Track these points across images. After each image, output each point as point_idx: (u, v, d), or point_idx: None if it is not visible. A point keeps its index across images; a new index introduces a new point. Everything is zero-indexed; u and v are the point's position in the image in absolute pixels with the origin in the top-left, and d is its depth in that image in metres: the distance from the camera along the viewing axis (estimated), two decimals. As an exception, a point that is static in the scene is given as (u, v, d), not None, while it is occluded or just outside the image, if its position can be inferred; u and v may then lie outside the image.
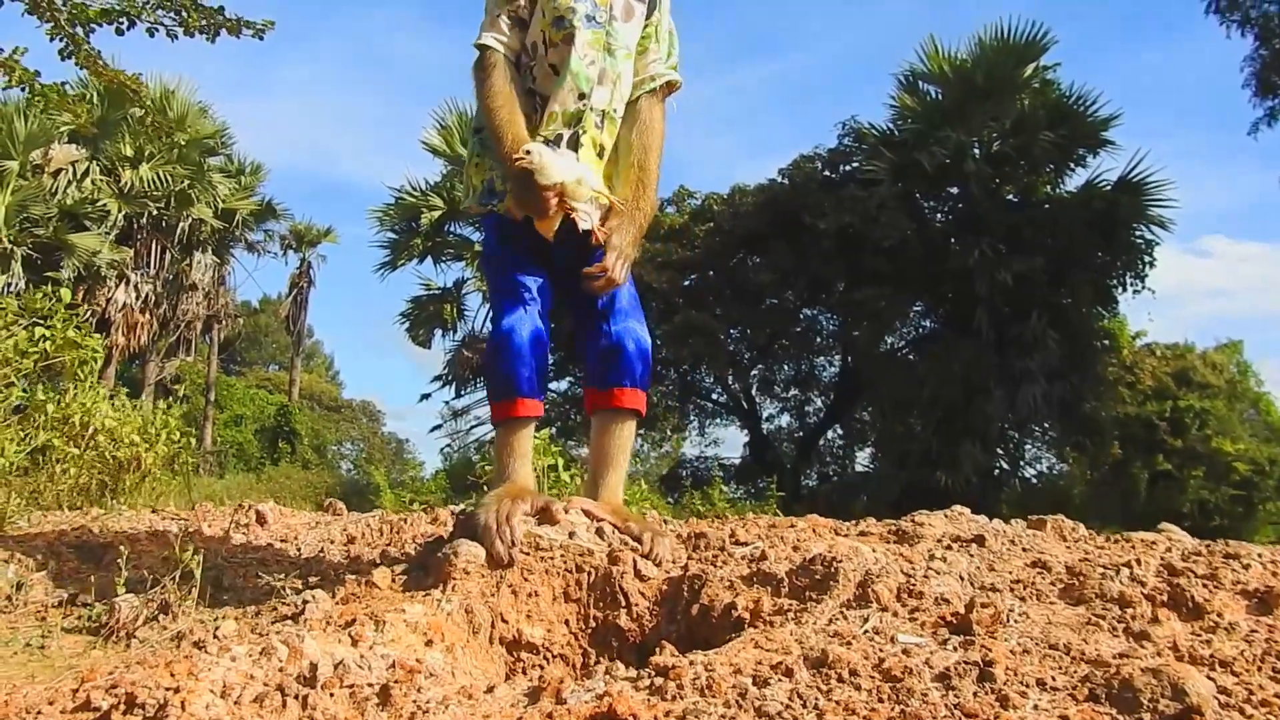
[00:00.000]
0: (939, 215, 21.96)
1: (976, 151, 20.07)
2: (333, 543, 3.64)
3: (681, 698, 1.71)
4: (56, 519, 4.27)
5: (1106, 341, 22.74)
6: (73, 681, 1.90)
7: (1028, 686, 1.72)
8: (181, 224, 28.00)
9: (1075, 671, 1.78)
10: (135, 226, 27.05)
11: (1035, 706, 1.65)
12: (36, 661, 2.44)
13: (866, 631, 2.04)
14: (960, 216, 20.92)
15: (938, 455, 19.31)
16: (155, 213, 26.98)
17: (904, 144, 20.26)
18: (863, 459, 26.43)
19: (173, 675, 1.80)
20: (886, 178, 19.57)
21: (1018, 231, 19.47)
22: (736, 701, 1.73)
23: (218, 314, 31.49)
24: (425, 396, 26.06)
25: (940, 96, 20.35)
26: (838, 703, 1.71)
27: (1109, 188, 19.58)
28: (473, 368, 22.64)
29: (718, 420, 27.64)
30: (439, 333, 24.74)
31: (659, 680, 1.82)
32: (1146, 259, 20.13)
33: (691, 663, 1.85)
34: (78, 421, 7.97)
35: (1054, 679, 1.75)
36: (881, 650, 1.92)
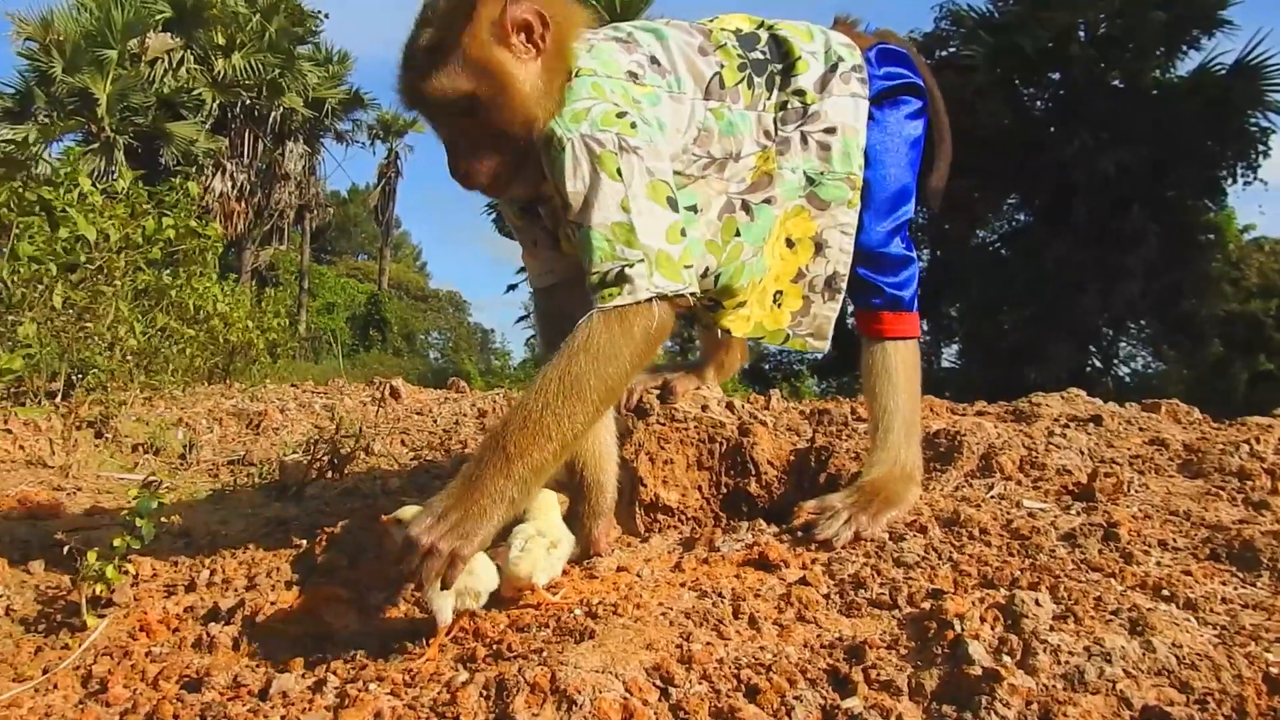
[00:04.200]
0: (1038, 103, 21.14)
1: (1082, 34, 19.15)
2: (465, 415, 3.89)
3: (824, 549, 1.88)
4: (206, 390, 4.61)
5: (1211, 236, 21.86)
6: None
7: (1150, 546, 1.86)
8: (273, 113, 28.42)
9: (1195, 535, 1.91)
10: (229, 116, 27.56)
11: (1158, 563, 1.79)
12: (226, 510, 2.73)
13: (993, 497, 2.19)
14: (1061, 104, 20.10)
15: (1027, 352, 19.04)
16: (248, 102, 27.45)
17: (1004, 27, 19.41)
18: (949, 355, 26.16)
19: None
20: (984, 63, 18.87)
21: (1122, 120, 18.62)
22: (876, 553, 1.91)
23: (309, 203, 32.16)
24: (512, 287, 26.49)
25: (1045, -26, 19.38)
26: (970, 556, 1.87)
27: (1223, 72, 18.45)
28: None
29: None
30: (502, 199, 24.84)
31: (801, 533, 2.01)
32: (1260, 148, 19.12)
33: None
34: (191, 305, 8.40)
35: (1175, 540, 1.89)
36: (1009, 513, 2.07)
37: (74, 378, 3.92)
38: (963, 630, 1.51)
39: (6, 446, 2.99)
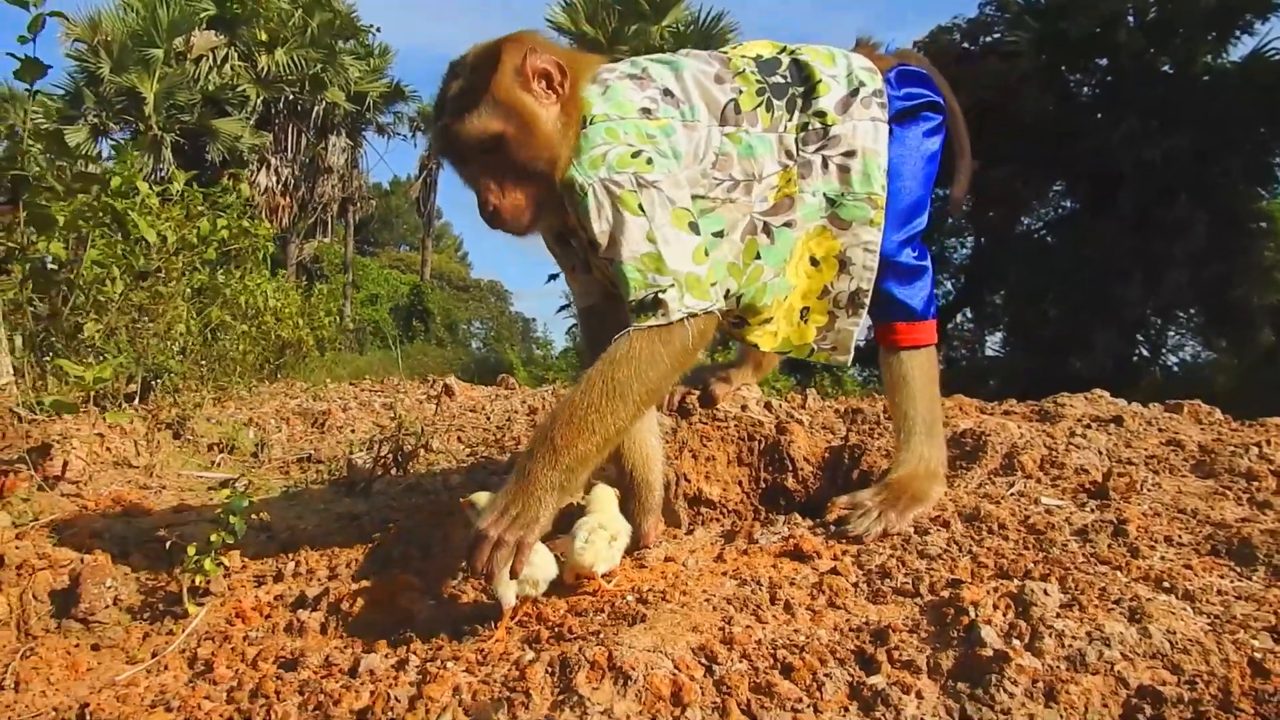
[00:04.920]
0: (1084, 89, 20.93)
1: (1130, 19, 18.93)
2: (516, 412, 4.10)
3: (855, 542, 2.06)
4: (270, 390, 4.86)
5: (1263, 224, 21.55)
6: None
7: (1156, 542, 2.01)
8: (316, 108, 28.84)
9: (1200, 531, 2.06)
10: (273, 111, 28.01)
11: (1162, 557, 1.95)
12: (300, 505, 2.95)
13: (1013, 494, 2.35)
14: (1107, 90, 19.89)
15: (1071, 341, 18.92)
16: (291, 97, 27.88)
17: (1049, 12, 19.22)
18: (993, 343, 25.95)
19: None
20: (1029, 49, 18.75)
21: (1170, 106, 18.37)
22: (902, 545, 2.09)
23: (352, 196, 32.63)
24: (553, 277, 26.65)
25: (1092, -43, 19.17)
26: (988, 549, 2.04)
27: (1278, 57, 18.21)
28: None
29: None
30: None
31: (833, 527, 2.19)
32: (1312, 131, 18.82)
33: (862, 515, 2.19)
34: (244, 303, 8.68)
35: (1180, 536, 2.04)
36: (1026, 509, 2.24)
37: (150, 381, 4.18)
38: (976, 616, 1.69)
39: (97, 449, 3.24)
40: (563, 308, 27.49)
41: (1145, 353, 21.48)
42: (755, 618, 1.83)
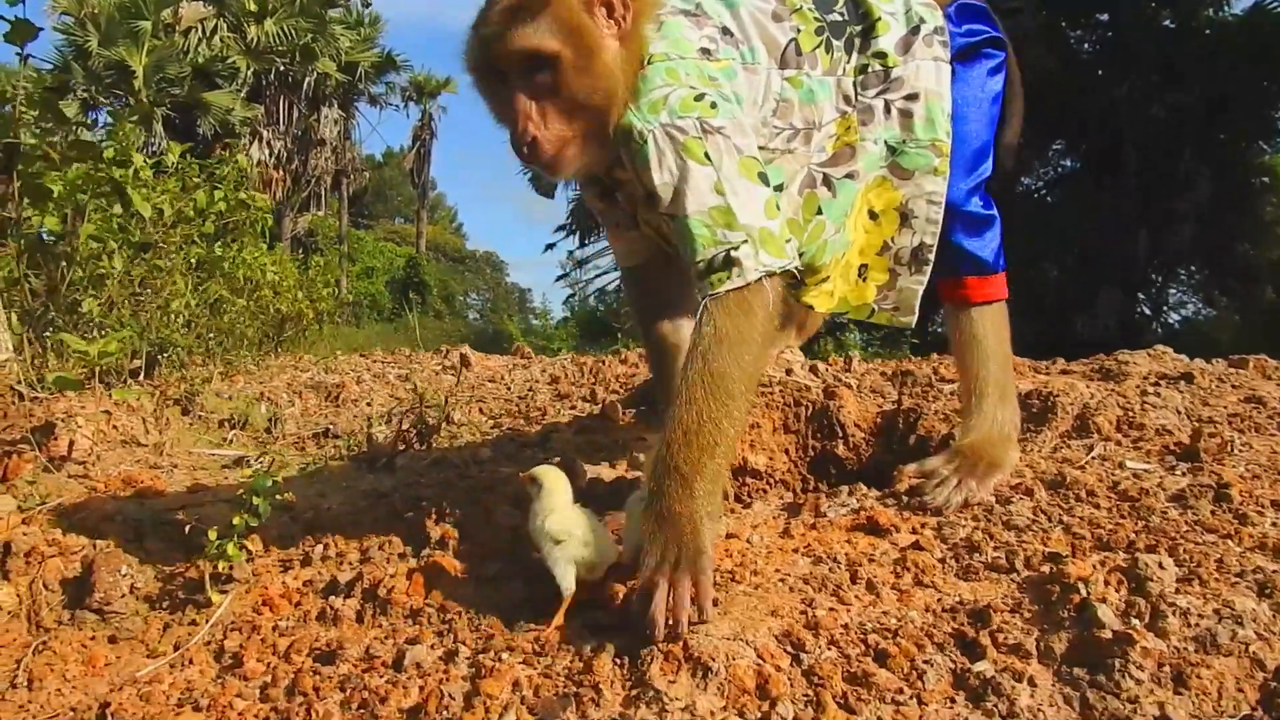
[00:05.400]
0: (1085, 46, 20.64)
1: (1131, -27, 18.66)
2: (537, 382, 3.93)
3: (935, 514, 1.90)
4: (279, 364, 4.69)
5: (1266, 179, 21.36)
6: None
7: (1264, 507, 1.86)
8: (307, 79, 28.53)
9: (1309, 495, 1.91)
10: (264, 83, 27.70)
11: (1274, 524, 1.79)
12: (321, 483, 2.79)
13: (1094, 458, 2.19)
14: (1109, 46, 19.61)
15: (1074, 301, 18.77)
16: (281, 68, 27.55)
17: (1050, -32, 18.97)
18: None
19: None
20: (1030, 6, 18.44)
21: (1173, 62, 18.13)
22: (984, 516, 1.93)
23: (345, 168, 32.40)
24: (550, 246, 26.44)
25: (1094, -90, 18.86)
26: (1081, 518, 1.88)
27: (1280, 9, 17.98)
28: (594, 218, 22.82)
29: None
30: (561, 182, 24.86)
31: (906, 499, 2.03)
32: (1318, 89, 18.61)
33: (935, 484, 2.03)
34: (241, 277, 8.50)
35: (1288, 500, 1.88)
36: (1113, 474, 2.08)
37: (155, 356, 4.01)
38: (1088, 594, 1.53)
39: (103, 428, 3.07)
40: (560, 277, 27.30)
41: (1147, 310, 21.36)
42: (837, 599, 1.67)
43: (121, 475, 2.78)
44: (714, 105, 1.83)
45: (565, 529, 1.78)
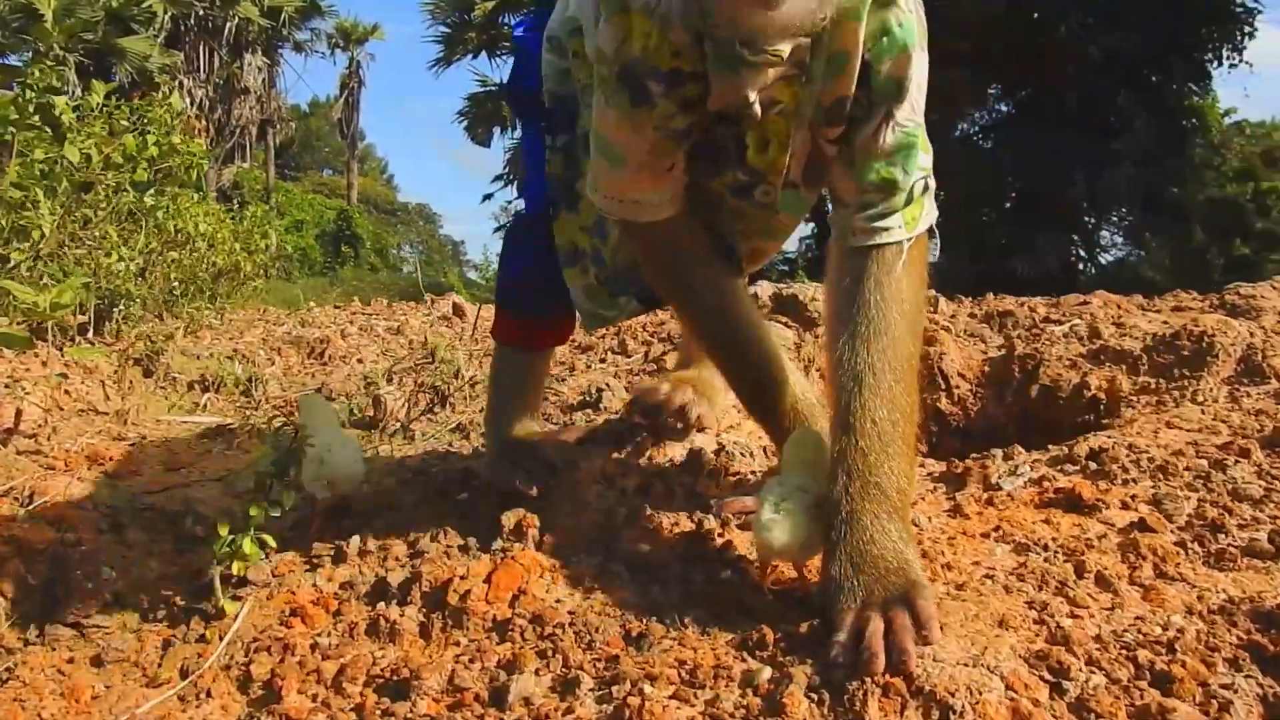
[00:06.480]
0: (1024, -12, 20.50)
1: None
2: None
3: (1133, 480, 1.55)
4: (246, 316, 4.21)
5: (1194, 121, 21.58)
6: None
7: None
8: (228, 24, 27.44)
9: None
10: (183, 29, 26.56)
11: None
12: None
13: (1291, 407, 1.87)
14: (1047, -11, 19.53)
15: (1014, 244, 18.84)
16: (201, 13, 26.37)
17: (991, -93, 18.69)
18: (932, 247, 25.90)
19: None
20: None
21: (1109, 3, 18.15)
22: (1202, 484, 1.59)
23: (271, 118, 31.45)
24: (488, 196, 25.79)
25: None
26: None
27: (1219, -49, 18.02)
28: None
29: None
30: (497, 130, 24.22)
31: (1092, 464, 1.67)
32: (1246, 29, 18.78)
33: (1113, 445, 1.68)
34: (172, 229, 7.91)
35: None
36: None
37: (104, 310, 3.50)
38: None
39: (55, 394, 2.60)
40: (499, 229, 26.63)
41: (1081, 253, 21.59)
42: (1067, 600, 1.32)
43: (85, 450, 2.32)
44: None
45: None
